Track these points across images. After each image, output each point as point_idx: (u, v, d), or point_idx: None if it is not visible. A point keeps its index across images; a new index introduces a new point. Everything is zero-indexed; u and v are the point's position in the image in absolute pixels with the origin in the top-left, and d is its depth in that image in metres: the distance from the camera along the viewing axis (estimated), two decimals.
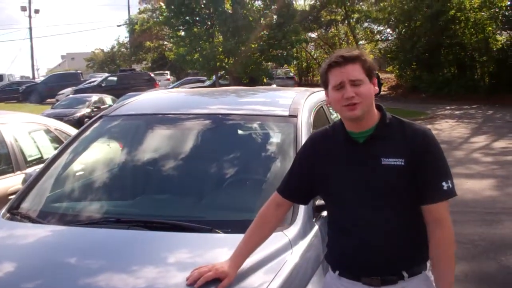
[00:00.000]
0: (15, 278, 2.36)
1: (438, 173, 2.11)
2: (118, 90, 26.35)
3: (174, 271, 2.33)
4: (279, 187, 2.38)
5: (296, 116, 3.24)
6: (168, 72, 46.47)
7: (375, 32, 39.56)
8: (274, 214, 2.34)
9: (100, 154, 3.74)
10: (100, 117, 3.71)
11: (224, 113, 3.51)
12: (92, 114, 17.87)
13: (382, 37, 39.00)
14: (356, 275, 2.19)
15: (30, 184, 3.26)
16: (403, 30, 32.88)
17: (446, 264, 2.11)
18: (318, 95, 3.81)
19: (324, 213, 2.81)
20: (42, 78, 43.75)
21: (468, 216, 6.62)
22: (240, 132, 3.60)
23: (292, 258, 2.41)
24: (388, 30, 37.16)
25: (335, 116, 3.94)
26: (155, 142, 3.67)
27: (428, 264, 2.24)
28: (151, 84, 30.70)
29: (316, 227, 2.74)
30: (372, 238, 2.13)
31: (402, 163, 2.08)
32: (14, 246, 2.71)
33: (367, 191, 2.12)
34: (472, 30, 30.16)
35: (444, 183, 2.09)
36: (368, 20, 37.77)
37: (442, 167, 2.12)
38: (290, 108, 3.35)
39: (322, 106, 3.72)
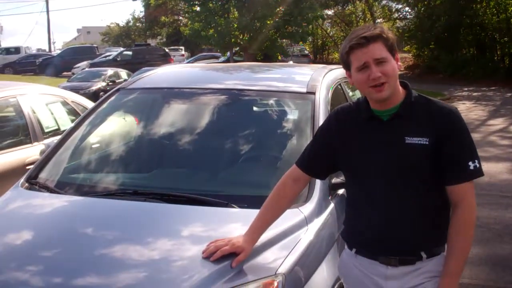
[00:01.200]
0: (33, 246, 2.41)
1: (464, 152, 2.05)
2: (133, 65, 26.40)
3: (188, 244, 2.34)
4: (299, 160, 2.34)
5: (314, 93, 3.21)
6: (182, 47, 46.34)
7: (393, 10, 38.97)
8: (291, 188, 2.32)
9: (117, 127, 3.75)
10: (117, 90, 3.72)
11: (241, 88, 3.49)
12: (108, 88, 17.93)
13: (400, 16, 38.45)
14: (373, 254, 2.16)
15: (48, 155, 3.28)
16: (422, 8, 32.35)
17: (459, 248, 2.06)
18: (336, 72, 3.77)
19: (340, 192, 2.81)
20: (58, 51, 43.94)
21: (483, 199, 6.59)
22: (256, 108, 3.58)
23: (307, 235, 2.42)
24: (407, 8, 36.60)
25: (352, 94, 3.91)
26: (172, 116, 3.68)
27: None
28: (165, 59, 30.66)
29: (331, 205, 2.73)
30: (391, 217, 2.09)
31: (426, 142, 2.03)
32: (33, 215, 2.75)
33: (389, 170, 2.08)
34: (493, 10, 29.58)
35: (470, 163, 2.04)
36: None
37: (468, 146, 2.06)
38: (308, 84, 3.32)
39: (340, 84, 3.68)
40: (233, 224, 2.49)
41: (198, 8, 31.10)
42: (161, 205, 2.64)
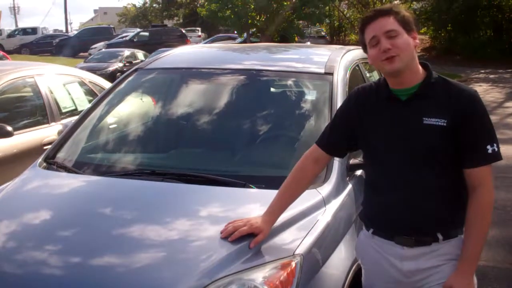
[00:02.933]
0: (51, 226, 2.42)
1: (483, 136, 2.03)
2: (150, 46, 26.40)
3: (206, 224, 2.34)
4: (319, 140, 2.33)
5: (332, 74, 3.19)
6: (199, 28, 46.21)
7: None
8: (312, 169, 2.31)
9: (135, 107, 3.75)
10: (135, 70, 3.72)
11: (258, 69, 3.47)
12: (125, 69, 17.98)
13: None
14: (389, 234, 2.16)
15: (66, 135, 3.29)
16: None
17: (477, 231, 2.05)
18: (354, 53, 3.74)
19: (358, 173, 2.80)
20: (75, 32, 44.09)
21: (500, 181, 6.53)
22: (274, 88, 3.56)
23: (325, 216, 2.41)
24: None
25: (369, 75, 3.88)
26: (189, 96, 3.67)
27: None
28: (182, 40, 30.61)
29: (349, 186, 2.72)
30: (409, 197, 2.09)
31: (444, 124, 2.02)
32: (50, 195, 2.76)
33: (407, 150, 2.07)
34: None
35: (489, 146, 2.02)
36: None
37: (487, 129, 2.05)
38: (326, 65, 3.29)
39: (358, 64, 3.65)
40: (251, 204, 2.49)
41: None
42: (179, 185, 2.64)
